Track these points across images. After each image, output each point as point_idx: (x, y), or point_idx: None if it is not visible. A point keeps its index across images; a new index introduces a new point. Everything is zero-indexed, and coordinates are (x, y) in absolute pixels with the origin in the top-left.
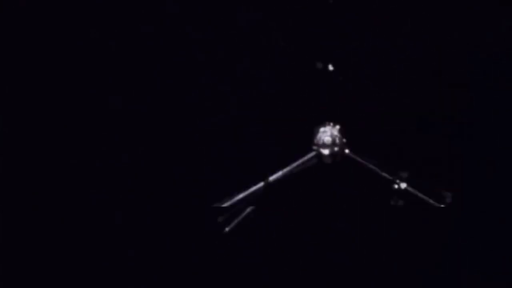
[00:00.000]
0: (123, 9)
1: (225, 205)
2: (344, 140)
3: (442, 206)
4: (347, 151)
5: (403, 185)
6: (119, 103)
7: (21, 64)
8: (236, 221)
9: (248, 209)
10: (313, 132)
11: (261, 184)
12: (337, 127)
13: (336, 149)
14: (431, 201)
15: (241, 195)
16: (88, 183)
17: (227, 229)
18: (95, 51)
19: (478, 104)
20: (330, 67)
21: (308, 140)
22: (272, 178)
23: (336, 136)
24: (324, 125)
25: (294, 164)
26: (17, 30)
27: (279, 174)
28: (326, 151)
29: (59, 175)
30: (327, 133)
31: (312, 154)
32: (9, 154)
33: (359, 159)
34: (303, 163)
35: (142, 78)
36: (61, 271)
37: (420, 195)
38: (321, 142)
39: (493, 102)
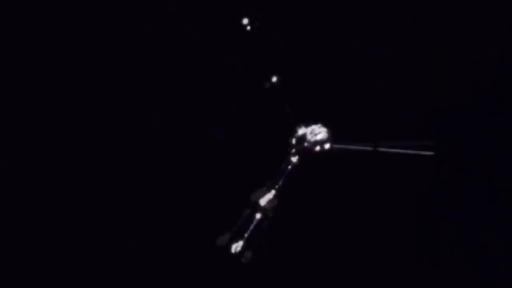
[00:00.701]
0: (123, 9)
1: None
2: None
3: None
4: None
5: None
6: (119, 103)
7: (21, 64)
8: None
9: None
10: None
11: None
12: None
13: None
14: None
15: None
16: (88, 183)
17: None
18: (95, 51)
19: (478, 104)
20: None
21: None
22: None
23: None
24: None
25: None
26: (17, 30)
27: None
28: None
29: (59, 175)
30: (323, 132)
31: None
32: (9, 154)
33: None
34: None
35: (142, 78)
36: (60, 271)
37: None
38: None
39: (493, 102)
